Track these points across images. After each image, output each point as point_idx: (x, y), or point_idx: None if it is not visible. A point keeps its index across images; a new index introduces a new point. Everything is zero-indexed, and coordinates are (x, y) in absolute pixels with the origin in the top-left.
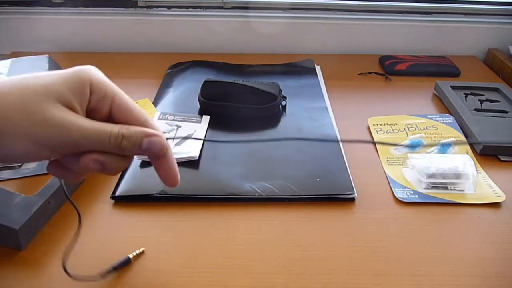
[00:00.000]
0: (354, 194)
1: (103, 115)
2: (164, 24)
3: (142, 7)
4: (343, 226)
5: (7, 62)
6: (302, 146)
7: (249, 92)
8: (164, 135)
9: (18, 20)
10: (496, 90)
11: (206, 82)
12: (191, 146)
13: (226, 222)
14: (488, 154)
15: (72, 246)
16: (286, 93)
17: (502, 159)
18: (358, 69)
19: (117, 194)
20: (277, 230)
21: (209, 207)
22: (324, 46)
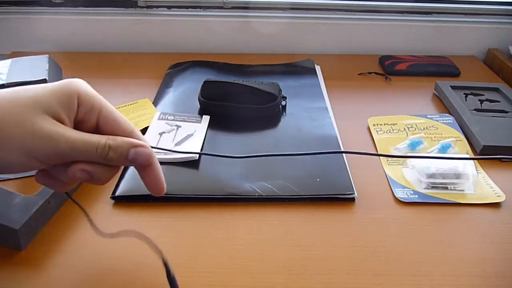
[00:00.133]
0: (354, 194)
1: (91, 126)
2: (164, 24)
3: (142, 7)
4: (343, 226)
5: (7, 62)
6: (302, 146)
7: (249, 92)
8: (149, 146)
9: (18, 20)
10: (496, 90)
11: (206, 82)
12: (191, 146)
13: (226, 222)
14: (488, 154)
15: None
16: (286, 93)
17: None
18: (358, 69)
19: (117, 194)
20: (277, 230)
21: (209, 207)
22: (324, 46)
